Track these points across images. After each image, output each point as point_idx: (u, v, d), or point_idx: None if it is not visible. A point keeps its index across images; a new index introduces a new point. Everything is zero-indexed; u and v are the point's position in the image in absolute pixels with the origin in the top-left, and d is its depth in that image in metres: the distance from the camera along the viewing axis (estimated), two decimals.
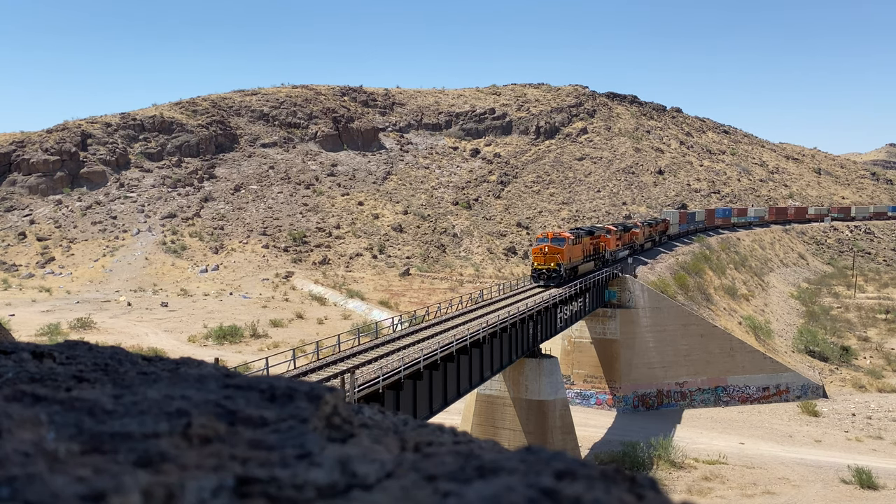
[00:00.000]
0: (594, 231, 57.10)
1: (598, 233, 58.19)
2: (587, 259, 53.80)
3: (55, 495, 1.15)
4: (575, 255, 50.10)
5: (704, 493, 38.07)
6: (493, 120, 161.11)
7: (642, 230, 76.54)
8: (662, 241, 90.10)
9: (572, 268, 49.63)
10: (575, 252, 50.09)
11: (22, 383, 1.92)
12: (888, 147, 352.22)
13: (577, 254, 50.58)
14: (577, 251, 50.88)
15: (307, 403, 1.77)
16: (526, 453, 1.52)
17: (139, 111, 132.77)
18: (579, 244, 51.35)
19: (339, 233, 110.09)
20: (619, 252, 64.74)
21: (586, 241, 53.67)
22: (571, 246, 49.06)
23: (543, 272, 47.78)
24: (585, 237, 53.86)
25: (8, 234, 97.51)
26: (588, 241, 54.24)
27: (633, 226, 74.18)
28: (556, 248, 47.69)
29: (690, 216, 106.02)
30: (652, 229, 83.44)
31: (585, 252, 53.22)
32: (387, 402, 23.16)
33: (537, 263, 48.10)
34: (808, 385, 58.18)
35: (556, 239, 48.76)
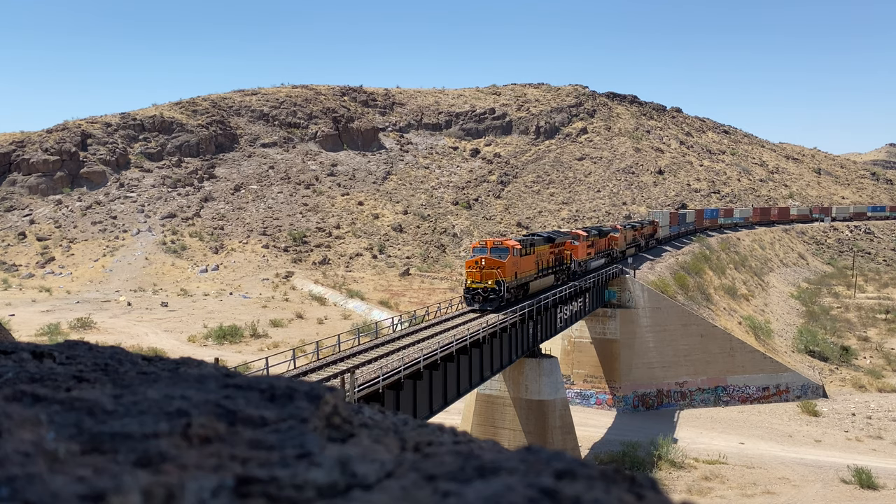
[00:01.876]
0: (555, 237, 47.52)
1: (562, 239, 49.14)
2: (544, 272, 44.35)
3: (55, 495, 1.15)
4: (524, 269, 40.43)
5: (704, 493, 38.08)
6: (493, 120, 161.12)
7: (623, 234, 67.19)
8: (650, 245, 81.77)
9: (520, 285, 40.17)
10: (524, 265, 40.44)
11: (22, 383, 1.92)
12: (888, 147, 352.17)
13: (527, 267, 40.97)
14: (528, 264, 41.27)
15: (307, 403, 1.77)
16: (526, 453, 1.52)
17: (139, 111, 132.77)
18: (531, 255, 41.93)
19: (339, 233, 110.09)
20: (592, 261, 55.73)
21: (543, 251, 44.40)
22: (518, 258, 39.33)
23: (478, 292, 37.44)
24: (543, 245, 44.64)
25: (8, 234, 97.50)
26: (546, 250, 45.00)
27: (610, 230, 64.25)
28: (495, 261, 37.67)
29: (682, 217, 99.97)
30: (637, 233, 74.82)
31: (542, 264, 43.98)
32: (387, 402, 23.17)
33: (471, 280, 37.78)
34: (808, 385, 58.19)
35: (497, 248, 38.69)
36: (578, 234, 52.96)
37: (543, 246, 44.70)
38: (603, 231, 60.84)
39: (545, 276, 44.61)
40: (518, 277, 39.37)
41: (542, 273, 44.17)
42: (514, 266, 38.69)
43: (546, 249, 45.07)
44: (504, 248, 38.67)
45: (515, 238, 42.38)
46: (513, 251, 38.66)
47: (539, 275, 43.35)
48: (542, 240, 45.13)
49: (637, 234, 74.72)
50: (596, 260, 57.11)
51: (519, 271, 39.43)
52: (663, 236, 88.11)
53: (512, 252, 38.56)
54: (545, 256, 44.69)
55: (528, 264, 41.35)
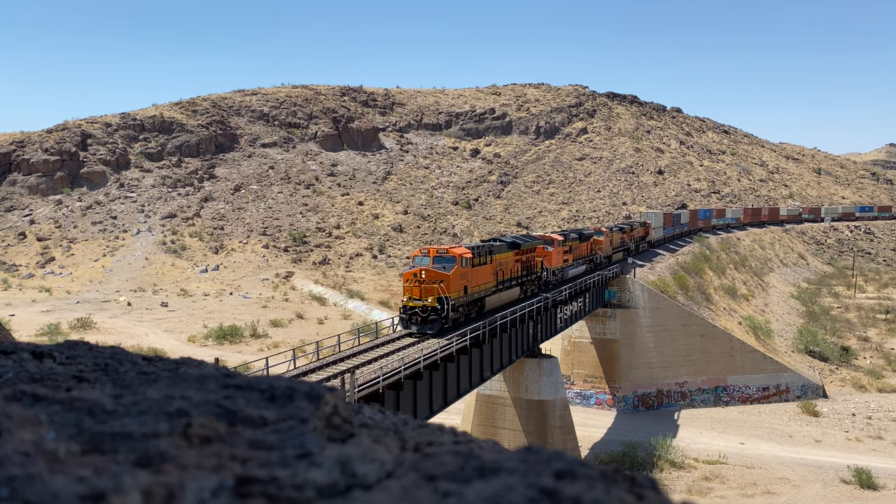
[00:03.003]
0: (521, 242, 41.12)
1: (531, 244, 42.90)
2: (506, 284, 38.45)
3: (55, 495, 1.15)
4: (478, 282, 34.52)
5: (704, 493, 38.09)
6: (493, 120, 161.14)
7: (609, 238, 61.72)
8: (640, 249, 76.11)
9: (473, 301, 34.29)
10: (478, 277, 34.47)
11: (22, 383, 1.92)
12: (888, 147, 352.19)
13: (482, 279, 34.95)
14: (484, 275, 35.23)
15: (307, 403, 1.77)
16: (526, 453, 1.52)
17: (139, 111, 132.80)
18: (488, 264, 35.89)
19: (339, 233, 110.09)
20: (571, 269, 50.49)
21: (505, 259, 38.43)
22: (468, 269, 33.18)
23: (416, 312, 31.09)
24: (505, 252, 38.51)
25: (8, 234, 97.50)
26: (509, 258, 39.08)
27: (593, 233, 58.98)
28: (437, 274, 31.44)
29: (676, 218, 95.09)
30: (625, 235, 69.07)
31: (504, 274, 38.18)
32: (387, 402, 23.18)
33: (407, 297, 31.63)
34: (808, 385, 58.20)
35: (441, 258, 32.32)
36: (552, 239, 47.37)
37: (506, 253, 38.58)
38: (584, 234, 55.38)
39: (508, 289, 38.59)
40: (469, 292, 33.17)
41: (504, 285, 38.09)
42: (463, 279, 32.53)
43: (509, 257, 39.05)
44: (450, 258, 32.12)
45: (468, 245, 36.26)
46: (461, 261, 32.26)
47: (499, 288, 37.29)
48: (505, 246, 38.87)
49: (626, 236, 69.52)
50: (575, 267, 51.71)
51: (471, 284, 33.34)
52: (656, 239, 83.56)
53: (460, 262, 32.15)
54: (508, 265, 38.74)
55: (484, 275, 35.21)
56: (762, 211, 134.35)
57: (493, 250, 36.71)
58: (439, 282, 31.12)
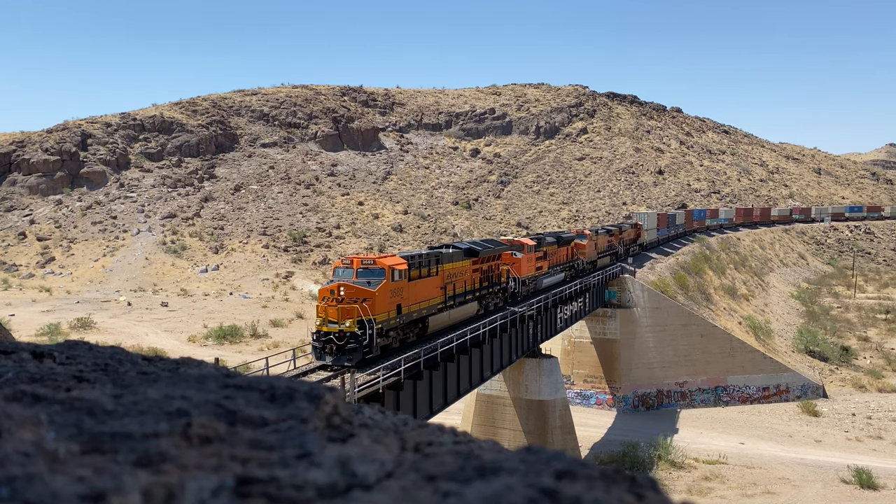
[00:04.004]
0: (479, 249, 34.83)
1: (494, 251, 36.72)
2: (458, 300, 32.23)
3: (55, 495, 1.15)
4: (418, 298, 28.19)
5: (704, 493, 38.09)
6: (493, 120, 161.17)
7: (593, 241, 56.21)
8: (631, 252, 70.89)
9: (410, 323, 28.00)
10: (417, 292, 28.12)
11: (22, 383, 1.92)
12: (888, 147, 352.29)
13: (423, 293, 28.71)
14: (426, 289, 28.92)
15: (307, 403, 1.77)
16: (526, 453, 1.52)
17: (139, 111, 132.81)
18: (433, 276, 29.63)
19: (339, 233, 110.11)
20: (546, 277, 44.95)
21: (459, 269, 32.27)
22: (402, 283, 26.77)
23: (332, 339, 24.50)
24: (458, 260, 32.32)
25: (8, 234, 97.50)
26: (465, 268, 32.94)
27: (574, 236, 53.58)
28: (359, 290, 24.93)
29: (671, 219, 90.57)
30: (613, 238, 63.83)
31: (456, 287, 31.95)
32: (387, 402, 23.17)
33: (321, 320, 24.94)
34: (808, 385, 58.20)
35: (367, 270, 25.97)
36: (522, 244, 41.49)
37: (460, 262, 32.51)
38: (563, 238, 50.09)
39: (462, 305, 32.53)
40: (404, 311, 26.96)
41: (456, 301, 31.99)
42: (396, 295, 26.24)
43: (464, 267, 32.98)
44: (377, 270, 25.82)
45: (405, 253, 29.40)
46: (391, 273, 25.91)
47: (448, 304, 31.25)
48: (458, 253, 32.75)
49: (614, 239, 64.15)
50: (551, 276, 46.09)
51: (407, 302, 27.12)
52: (649, 241, 78.51)
53: (390, 275, 25.81)
54: (463, 276, 32.91)
55: (427, 290, 29.04)
56: (754, 211, 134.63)
57: (442, 259, 30.81)
58: (362, 300, 24.63)
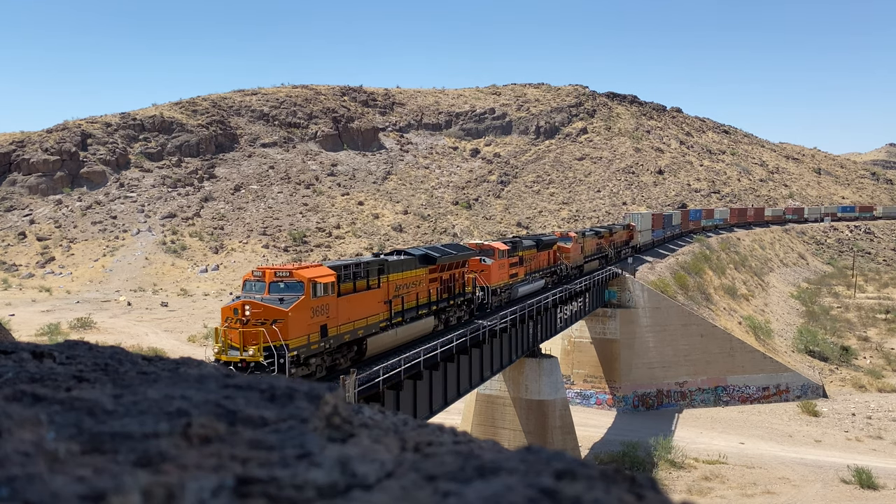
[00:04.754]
0: (437, 255, 29.52)
1: (457, 258, 31.43)
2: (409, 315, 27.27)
3: (55, 495, 1.15)
4: (350, 316, 23.17)
5: (704, 493, 38.09)
6: (493, 120, 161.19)
7: (579, 244, 51.67)
8: (623, 256, 66.81)
9: (343, 346, 23.15)
10: (348, 309, 23.02)
11: (22, 383, 1.92)
12: (888, 147, 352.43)
13: (356, 311, 23.50)
14: (360, 306, 23.78)
15: (307, 403, 1.77)
16: (526, 453, 1.52)
17: (139, 111, 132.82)
18: (369, 290, 24.44)
19: (339, 233, 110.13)
20: (522, 285, 40.33)
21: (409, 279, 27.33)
22: (328, 299, 21.78)
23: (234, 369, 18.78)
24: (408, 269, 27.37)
25: (8, 234, 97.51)
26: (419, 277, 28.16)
27: (556, 239, 48.86)
28: (268, 310, 20.40)
29: (667, 219, 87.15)
30: (602, 241, 59.66)
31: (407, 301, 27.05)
32: (387, 402, 23.17)
33: (219, 346, 20.33)
34: (808, 385, 58.21)
35: (282, 284, 21.14)
36: (492, 248, 37.07)
37: (411, 271, 27.57)
38: (543, 241, 45.55)
39: (414, 321, 27.52)
40: (331, 334, 21.91)
41: (406, 316, 26.93)
42: (319, 314, 21.36)
43: (419, 276, 28.13)
44: (294, 284, 20.92)
45: (335, 262, 24.28)
46: (312, 288, 20.99)
47: (394, 321, 26.03)
48: (410, 261, 27.85)
49: (603, 242, 60.01)
50: (528, 283, 41.47)
51: (335, 322, 22.22)
52: (644, 243, 74.67)
53: (310, 290, 20.89)
54: (417, 287, 27.94)
55: (365, 306, 24.05)
56: (748, 211, 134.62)
57: (387, 268, 25.75)
58: (272, 322, 19.96)
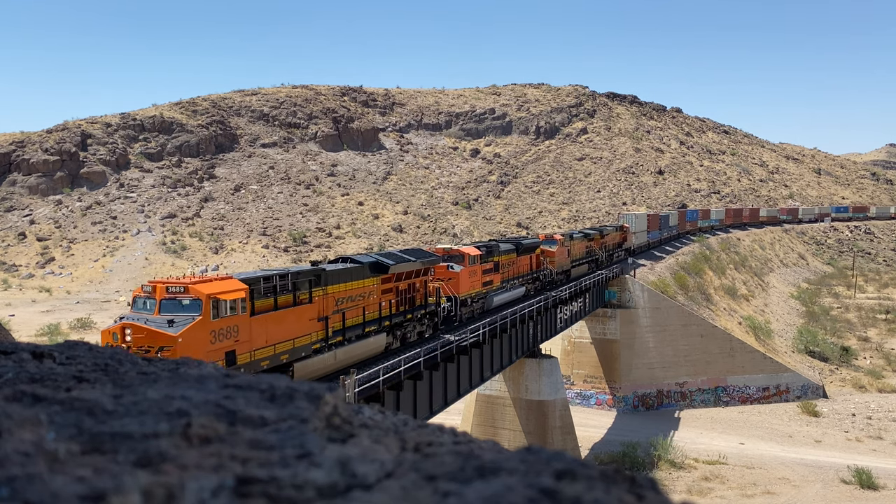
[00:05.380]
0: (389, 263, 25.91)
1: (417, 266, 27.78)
2: (354, 332, 23.71)
3: (55, 495, 1.15)
4: (271, 338, 19.67)
5: (704, 494, 38.08)
6: (493, 120, 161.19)
7: (566, 248, 48.26)
8: (616, 259, 63.60)
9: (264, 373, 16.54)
10: (267, 329, 19.53)
11: (22, 383, 1.92)
12: (888, 147, 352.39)
13: (278, 332, 19.94)
14: (284, 326, 20.22)
15: (307, 403, 1.77)
16: (526, 453, 1.52)
17: (139, 111, 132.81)
18: (296, 307, 20.75)
19: (339, 233, 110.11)
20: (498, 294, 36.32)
21: (353, 292, 23.68)
22: (238, 319, 18.36)
23: None
24: (353, 280, 23.78)
25: (8, 234, 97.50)
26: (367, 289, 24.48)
27: (539, 242, 44.84)
28: (151, 335, 16.81)
29: (663, 220, 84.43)
30: (592, 244, 56.35)
31: (354, 315, 23.67)
32: (387, 402, 23.17)
33: None
34: (808, 385, 58.20)
35: (173, 302, 17.58)
36: (463, 254, 33.01)
37: (357, 281, 23.93)
38: (524, 244, 41.32)
39: (361, 340, 23.92)
40: (241, 361, 18.40)
41: (349, 335, 23.36)
42: (224, 338, 17.85)
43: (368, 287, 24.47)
44: (189, 302, 17.28)
45: (248, 274, 20.06)
46: (213, 307, 17.38)
47: (332, 342, 22.42)
48: (357, 270, 24.14)
49: (594, 245, 56.69)
50: (506, 291, 37.48)
51: (246, 347, 18.65)
52: (638, 245, 71.40)
53: (210, 309, 17.30)
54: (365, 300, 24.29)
55: (292, 324, 20.39)
56: (743, 212, 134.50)
57: (322, 279, 21.80)
58: (158, 350, 16.44)
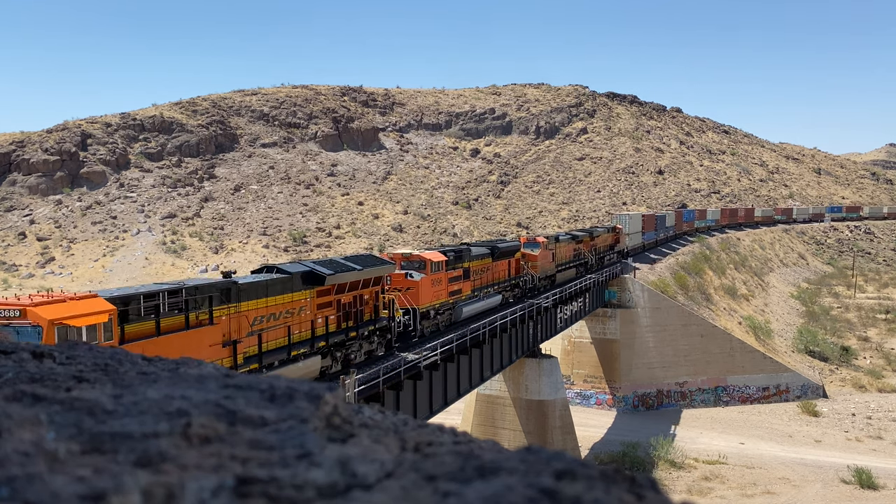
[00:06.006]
0: (323, 274, 22.95)
1: (364, 275, 24.70)
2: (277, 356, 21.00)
3: (55, 495, 1.15)
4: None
5: (704, 493, 38.08)
6: (493, 120, 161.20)
7: (550, 251, 44.25)
8: (607, 262, 59.94)
9: None
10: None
11: (22, 383, 1.92)
12: (888, 147, 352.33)
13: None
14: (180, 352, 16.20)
15: (307, 403, 1.77)
16: (526, 453, 1.52)
17: (139, 111, 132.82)
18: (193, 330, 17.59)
19: (339, 233, 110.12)
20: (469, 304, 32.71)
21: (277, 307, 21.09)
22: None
23: None
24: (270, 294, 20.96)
25: (8, 234, 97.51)
26: (296, 304, 21.81)
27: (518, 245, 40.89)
28: None
29: (660, 220, 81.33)
30: (582, 246, 52.88)
31: (276, 335, 20.79)
32: (387, 402, 23.18)
33: None
34: (808, 385, 58.19)
35: (15, 330, 13.40)
36: (425, 260, 28.80)
37: (282, 296, 20.90)
38: (501, 248, 37.37)
39: (286, 365, 21.04)
40: None
41: (269, 360, 20.43)
42: None
43: (298, 301, 21.48)
44: (29, 331, 13.95)
45: (126, 290, 17.57)
46: (60, 339, 14.14)
47: (245, 370, 19.03)
48: (281, 283, 21.07)
49: (582, 247, 53.08)
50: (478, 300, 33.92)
51: None
52: (632, 247, 67.89)
53: (54, 339, 13.96)
54: (294, 317, 21.44)
55: (183, 351, 16.53)
56: (738, 212, 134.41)
57: (232, 294, 18.67)
58: None
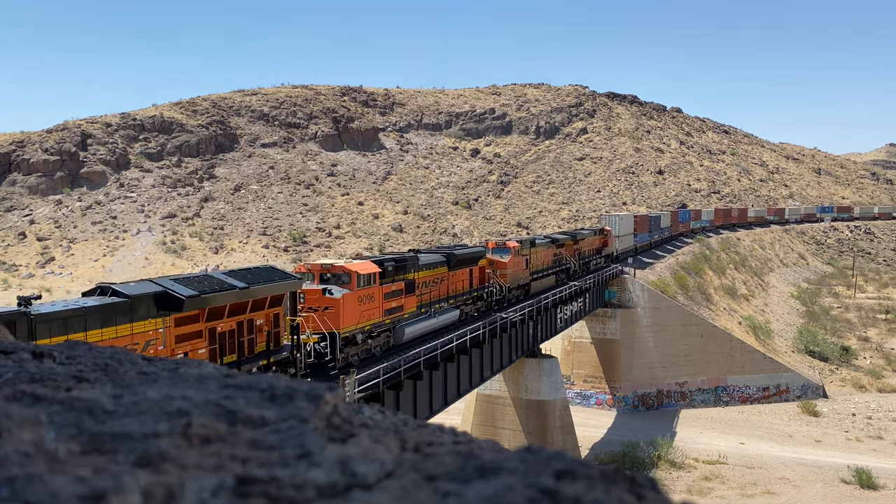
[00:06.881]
0: (180, 298, 17.52)
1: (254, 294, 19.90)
2: None
3: (55, 495, 1.15)
4: None
5: (704, 493, 38.08)
6: (493, 120, 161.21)
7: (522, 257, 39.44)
8: (593, 266, 55.16)
9: None
10: None
11: (22, 383, 1.92)
12: (888, 147, 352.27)
13: None
14: None
15: (307, 403, 1.77)
16: (526, 453, 1.52)
17: (139, 111, 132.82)
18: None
19: (339, 233, 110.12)
20: (414, 323, 28.56)
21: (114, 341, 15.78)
22: None
23: None
24: (113, 324, 16.25)
25: (8, 234, 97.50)
26: (149, 334, 17.08)
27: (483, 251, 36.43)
28: None
29: (654, 221, 77.71)
30: (564, 250, 47.99)
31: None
32: (387, 402, 23.18)
33: None
34: (808, 385, 58.19)
35: None
36: (349, 272, 24.36)
37: (108, 328, 16.29)
38: (458, 256, 32.64)
39: None
40: None
41: None
42: None
43: (144, 334, 17.22)
44: None
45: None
46: None
47: None
48: (102, 312, 16.15)
49: (564, 252, 48.12)
50: (427, 318, 29.50)
51: None
52: (622, 250, 64.06)
53: None
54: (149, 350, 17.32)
55: None
56: (732, 212, 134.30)
57: (32, 329, 14.76)
58: None
